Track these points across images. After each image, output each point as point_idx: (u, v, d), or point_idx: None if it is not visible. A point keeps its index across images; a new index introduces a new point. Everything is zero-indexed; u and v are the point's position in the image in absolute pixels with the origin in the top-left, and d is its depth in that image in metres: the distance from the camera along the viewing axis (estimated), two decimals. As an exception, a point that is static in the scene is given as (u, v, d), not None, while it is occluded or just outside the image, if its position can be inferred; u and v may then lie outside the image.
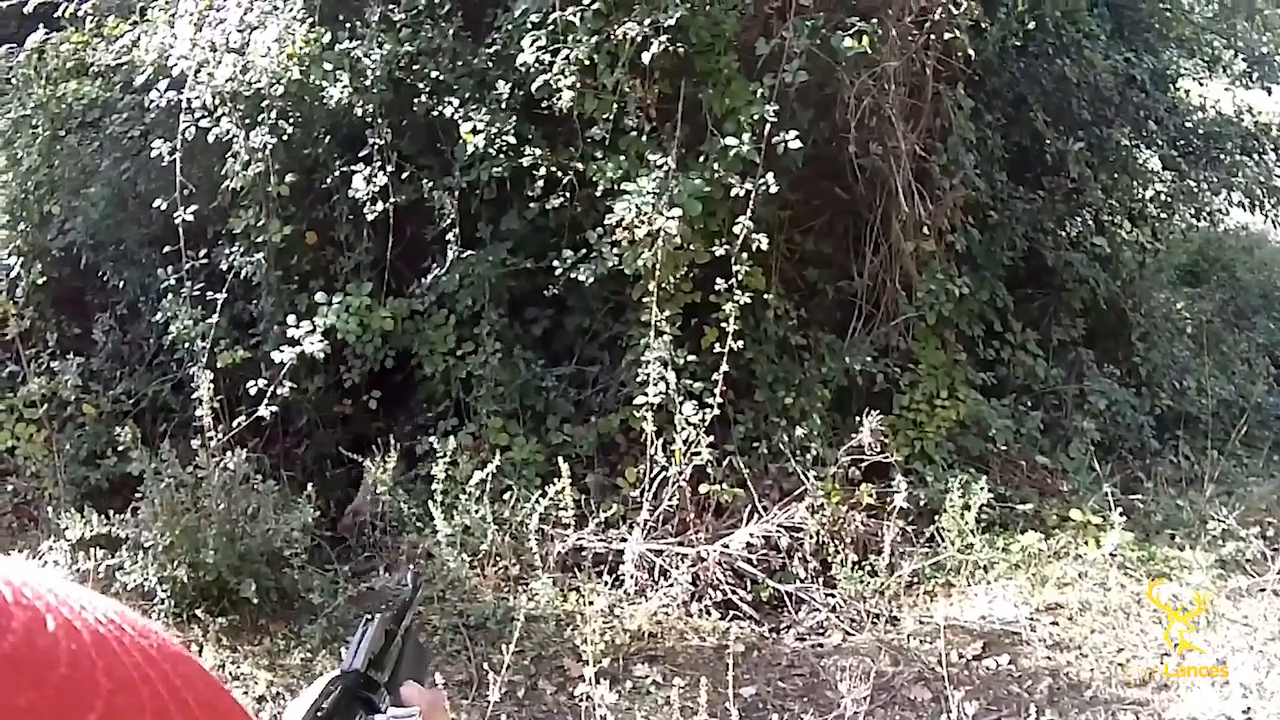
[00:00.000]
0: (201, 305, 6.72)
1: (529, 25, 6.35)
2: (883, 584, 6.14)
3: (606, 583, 6.10)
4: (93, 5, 7.08)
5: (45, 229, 7.46)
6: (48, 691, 0.56)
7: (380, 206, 6.51)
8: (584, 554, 6.20)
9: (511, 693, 5.38)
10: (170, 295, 6.83)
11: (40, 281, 7.25)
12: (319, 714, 1.00)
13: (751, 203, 6.10)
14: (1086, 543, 6.53)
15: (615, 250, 6.27)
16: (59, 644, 0.58)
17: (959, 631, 5.91)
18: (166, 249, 6.85)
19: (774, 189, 6.07)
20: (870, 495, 6.35)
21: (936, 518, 6.38)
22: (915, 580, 6.28)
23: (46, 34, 7.17)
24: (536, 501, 6.10)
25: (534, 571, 6.06)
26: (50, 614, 0.59)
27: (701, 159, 6.30)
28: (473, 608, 5.99)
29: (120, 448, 6.36)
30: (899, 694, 5.55)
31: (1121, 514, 6.45)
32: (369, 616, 1.20)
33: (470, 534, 6.21)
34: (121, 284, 7.46)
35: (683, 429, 6.15)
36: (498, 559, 6.24)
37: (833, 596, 6.13)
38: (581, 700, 5.18)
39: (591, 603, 5.83)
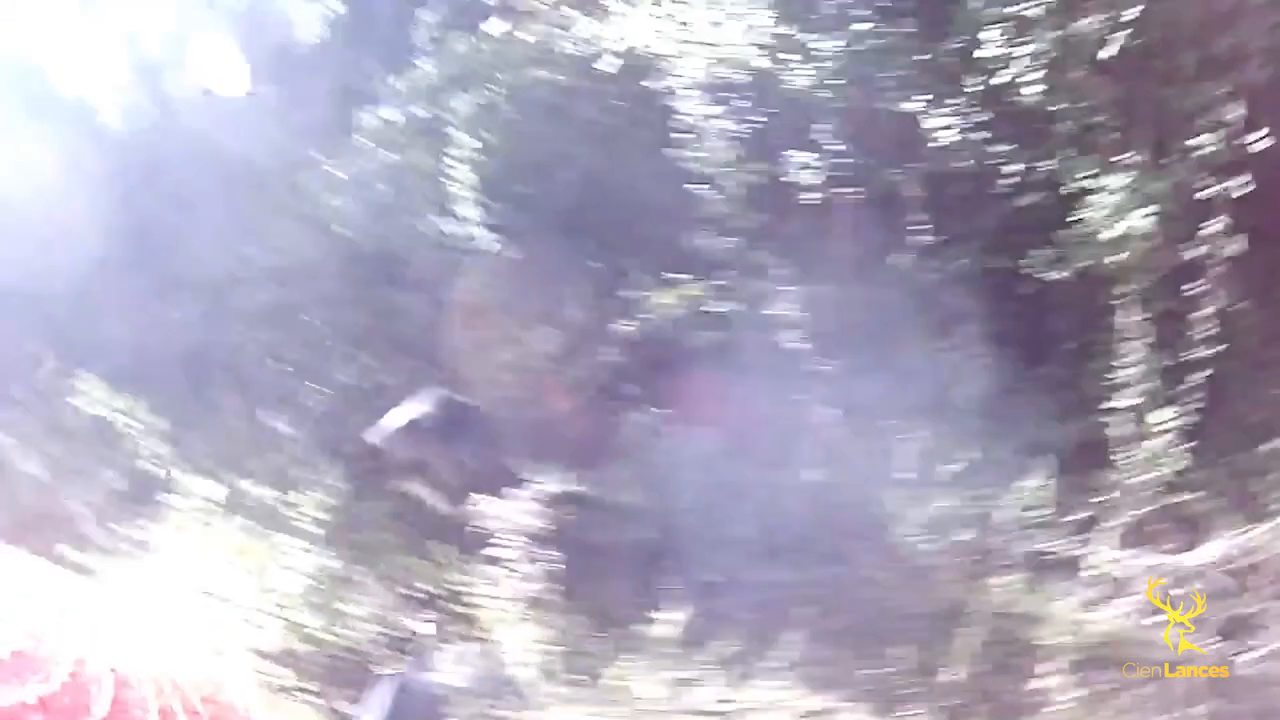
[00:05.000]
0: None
1: (988, 20, 6.19)
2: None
3: (1071, 586, 6.01)
4: (552, -1, 7.50)
5: (514, 210, 7.84)
6: None
7: (845, 192, 6.69)
8: (1050, 555, 6.14)
9: (969, 686, 5.54)
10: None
11: (512, 257, 7.73)
12: None
13: (1222, 206, 5.73)
14: None
15: (1085, 251, 6.10)
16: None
17: None
18: (634, 229, 7.28)
19: (1245, 192, 5.65)
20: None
21: None
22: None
23: (506, 26, 7.68)
24: (1010, 499, 6.10)
25: (1000, 567, 6.09)
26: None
27: (1169, 159, 5.94)
28: (939, 597, 6.12)
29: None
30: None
31: None
32: (381, 676, 1.36)
33: (942, 526, 6.28)
34: (591, 263, 7.79)
35: (1155, 436, 5.95)
36: (968, 553, 6.32)
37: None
38: (1037, 699, 5.27)
39: (1055, 604, 5.82)
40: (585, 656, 6.03)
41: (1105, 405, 6.13)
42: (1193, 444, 6.00)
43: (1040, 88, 6.02)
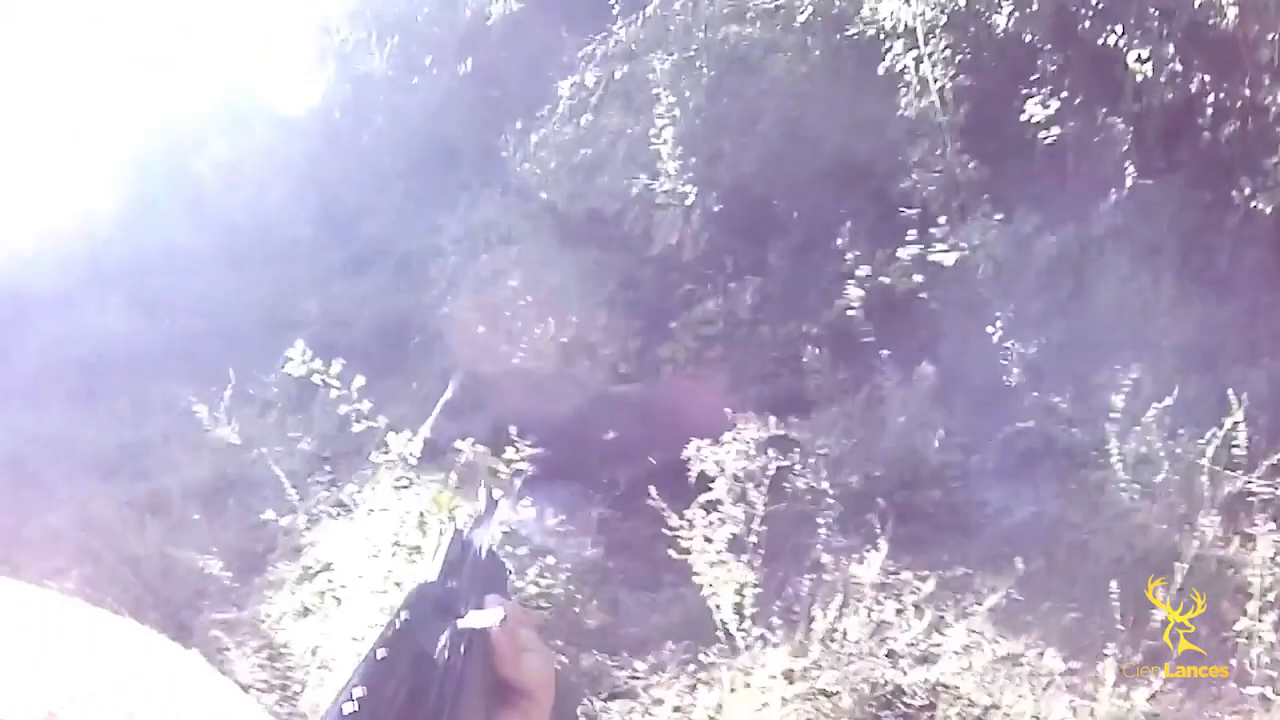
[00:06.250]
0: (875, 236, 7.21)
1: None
2: None
3: (1273, 528, 5.99)
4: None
5: (717, 163, 8.03)
6: None
7: (1054, 131, 6.72)
8: (1252, 497, 6.13)
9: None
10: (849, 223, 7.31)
11: (715, 210, 7.88)
12: (397, 627, 1.00)
13: None
14: None
15: (1291, 179, 6.09)
16: None
17: None
18: (838, 180, 7.41)
19: None
20: None
21: None
22: None
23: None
24: (1209, 440, 6.12)
25: (1201, 511, 6.07)
26: None
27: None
28: (1139, 541, 6.16)
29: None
30: None
31: None
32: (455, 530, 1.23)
33: (1143, 467, 6.36)
34: (795, 214, 8.03)
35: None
36: (1168, 495, 6.34)
37: None
38: (1239, 640, 5.33)
39: (1255, 547, 5.86)
40: (792, 599, 6.13)
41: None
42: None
43: (1234, 10, 6.04)
